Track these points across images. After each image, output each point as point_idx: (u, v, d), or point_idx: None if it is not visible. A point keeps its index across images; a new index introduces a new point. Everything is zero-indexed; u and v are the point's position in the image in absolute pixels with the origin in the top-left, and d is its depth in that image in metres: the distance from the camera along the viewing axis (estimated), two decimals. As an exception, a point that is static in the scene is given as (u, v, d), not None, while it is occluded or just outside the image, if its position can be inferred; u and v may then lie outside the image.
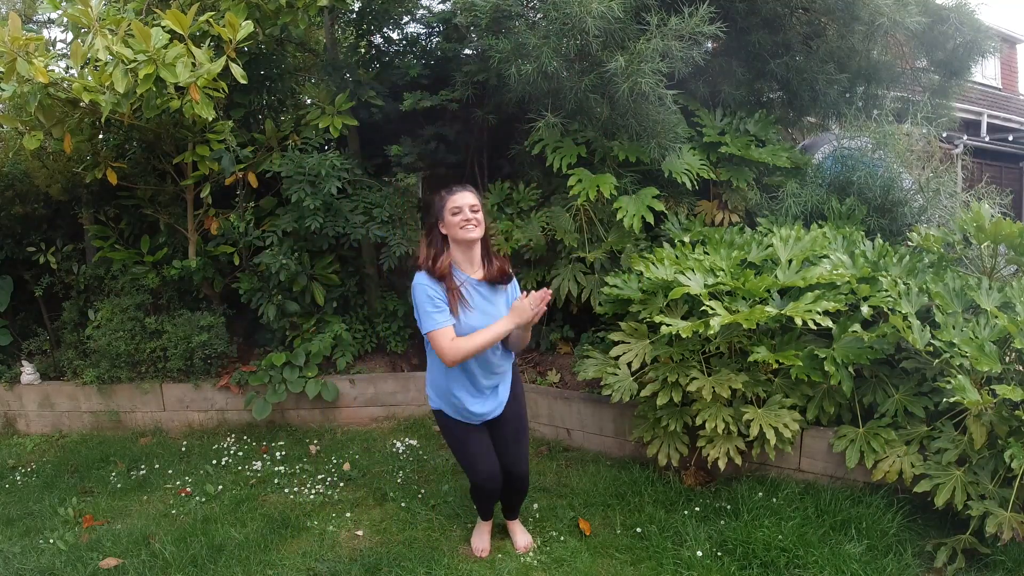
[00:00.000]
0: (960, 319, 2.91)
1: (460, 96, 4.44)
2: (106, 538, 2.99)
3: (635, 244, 3.90)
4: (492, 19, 3.85)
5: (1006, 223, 3.07)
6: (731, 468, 3.19)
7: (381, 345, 4.61)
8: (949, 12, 4.28)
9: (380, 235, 4.24)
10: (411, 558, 2.76)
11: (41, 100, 3.30)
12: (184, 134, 4.11)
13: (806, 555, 2.62)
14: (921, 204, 4.00)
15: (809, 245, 3.33)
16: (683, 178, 3.86)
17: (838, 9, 4.06)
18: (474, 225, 2.45)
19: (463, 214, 2.43)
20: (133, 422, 4.38)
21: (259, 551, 2.86)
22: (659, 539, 2.83)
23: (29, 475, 3.78)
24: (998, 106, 12.56)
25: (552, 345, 4.43)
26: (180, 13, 3.24)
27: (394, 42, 5.13)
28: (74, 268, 4.63)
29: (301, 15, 4.02)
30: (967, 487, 2.66)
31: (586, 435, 3.82)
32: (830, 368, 2.96)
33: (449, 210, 2.45)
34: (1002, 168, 11.29)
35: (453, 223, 2.44)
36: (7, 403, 4.50)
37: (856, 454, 2.96)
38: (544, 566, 2.73)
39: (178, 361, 4.25)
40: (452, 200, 2.46)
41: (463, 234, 2.44)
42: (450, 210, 2.45)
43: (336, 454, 3.86)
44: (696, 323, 2.94)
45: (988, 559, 2.57)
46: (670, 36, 3.44)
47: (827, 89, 4.24)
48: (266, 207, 4.48)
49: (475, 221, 2.45)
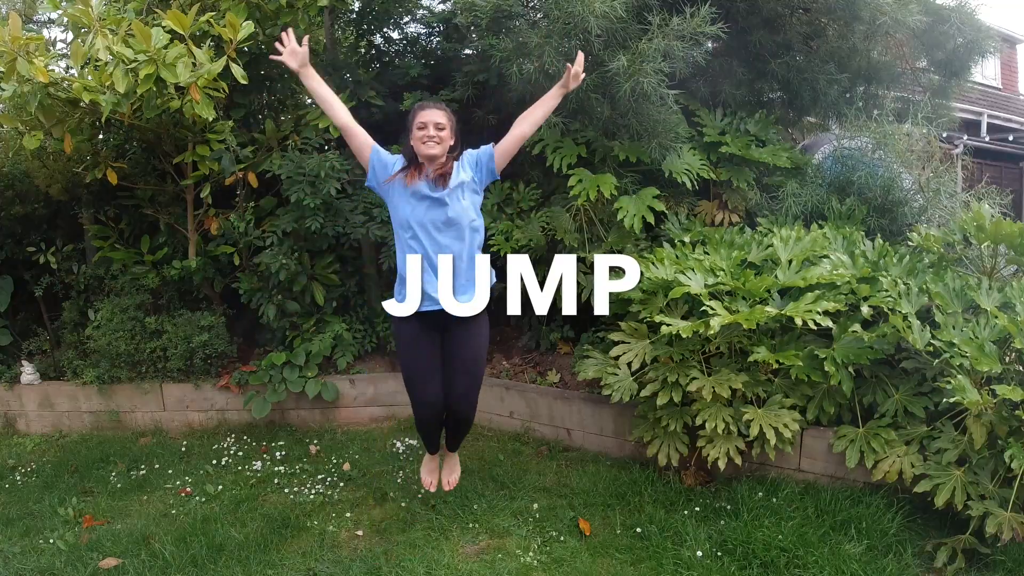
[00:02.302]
0: (960, 319, 2.91)
1: (460, 96, 4.43)
2: (106, 538, 2.99)
3: (635, 244, 3.90)
4: (492, 19, 3.85)
5: (1006, 223, 3.07)
6: (731, 468, 3.19)
7: (381, 345, 4.60)
8: (950, 12, 4.27)
9: (380, 235, 4.24)
10: (411, 558, 2.76)
11: (41, 100, 3.30)
12: (184, 134, 4.11)
13: (806, 555, 2.62)
14: (921, 204, 4.00)
15: (809, 245, 3.33)
16: (683, 178, 3.86)
17: (839, 9, 4.06)
18: (436, 142, 2.53)
19: (427, 130, 2.52)
20: (133, 422, 4.38)
21: (259, 551, 2.86)
22: (659, 539, 2.83)
23: (29, 475, 3.78)
24: (998, 106, 12.56)
25: (552, 345, 4.43)
26: (180, 13, 3.24)
27: (394, 42, 5.14)
28: (74, 268, 4.63)
29: (301, 15, 4.02)
30: (967, 487, 2.66)
31: (586, 435, 3.82)
32: (830, 368, 2.96)
33: (416, 124, 2.56)
34: (1002, 168, 11.29)
35: (416, 136, 2.55)
36: (7, 403, 4.50)
37: (856, 454, 2.96)
38: (544, 566, 2.73)
39: (178, 361, 4.25)
40: (419, 116, 2.57)
41: (423, 149, 2.54)
42: (416, 124, 2.56)
43: (336, 454, 3.86)
44: (696, 323, 2.94)
45: (988, 559, 2.57)
46: (672, 36, 3.44)
47: (827, 89, 4.23)
48: (266, 207, 4.48)
49: (437, 138, 2.53)
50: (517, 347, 4.66)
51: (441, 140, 2.56)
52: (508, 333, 4.91)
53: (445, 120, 2.59)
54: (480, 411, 4.20)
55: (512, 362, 4.47)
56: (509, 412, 4.09)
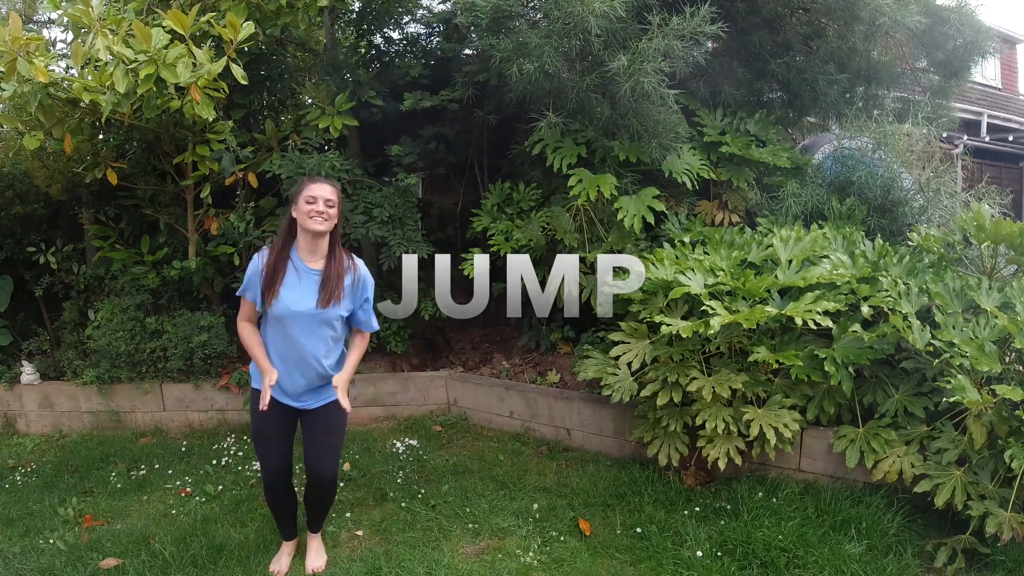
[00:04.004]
0: (960, 319, 2.91)
1: (460, 96, 4.43)
2: (106, 538, 2.99)
3: (635, 244, 3.90)
4: (492, 19, 3.85)
5: (1006, 223, 3.08)
6: (731, 468, 3.19)
7: (381, 345, 4.60)
8: (949, 13, 4.28)
9: (380, 235, 4.24)
10: (411, 558, 2.76)
11: (41, 100, 3.30)
12: (184, 134, 4.11)
13: (806, 555, 2.62)
14: (921, 204, 4.00)
15: (809, 245, 3.34)
16: (683, 178, 3.86)
17: (839, 9, 4.06)
18: (324, 219, 2.50)
19: (316, 205, 2.49)
20: (133, 422, 4.38)
21: (259, 551, 2.86)
22: (659, 539, 2.83)
23: (29, 475, 3.78)
24: (998, 106, 12.56)
25: (552, 345, 4.43)
26: (181, 13, 3.24)
27: (394, 42, 5.14)
28: (74, 268, 4.63)
29: (301, 15, 4.02)
30: (967, 487, 2.66)
31: (586, 435, 3.82)
32: (830, 368, 2.96)
33: (304, 197, 2.51)
34: (1002, 168, 11.28)
35: (303, 211, 2.50)
36: (7, 403, 4.50)
37: (856, 454, 2.96)
38: (544, 566, 2.73)
39: (178, 361, 4.25)
40: (309, 189, 2.52)
41: (310, 224, 2.49)
42: (305, 198, 2.50)
43: (336, 454, 3.85)
44: (696, 323, 2.94)
45: (988, 559, 2.57)
46: (672, 36, 3.44)
47: (827, 89, 4.24)
48: (266, 207, 4.48)
49: (326, 215, 2.50)
50: (517, 347, 4.66)
51: (329, 217, 2.52)
52: (508, 333, 4.91)
53: (335, 197, 2.54)
54: (480, 411, 4.23)
55: (512, 362, 4.47)
56: (509, 412, 4.09)
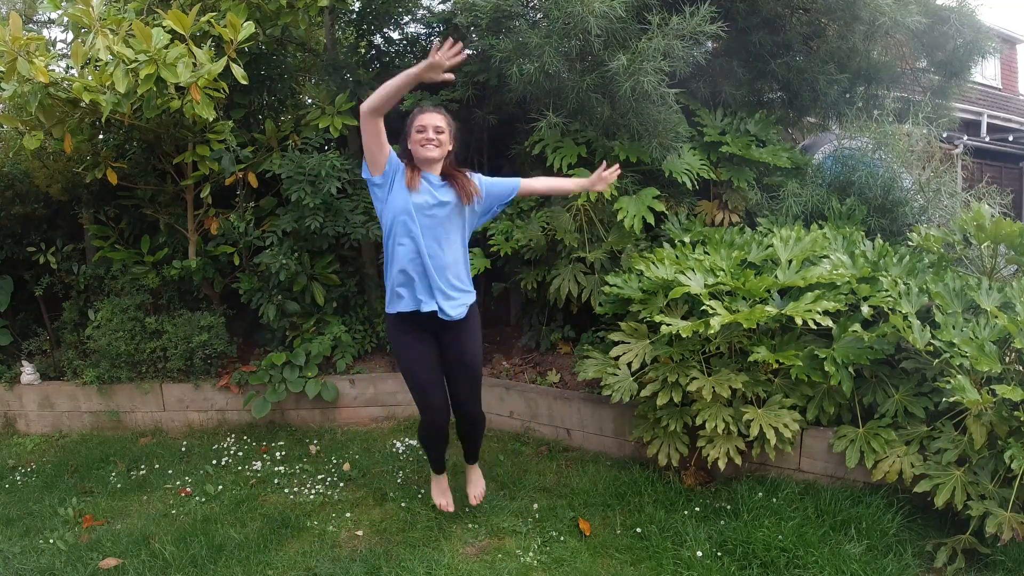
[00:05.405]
0: (960, 319, 2.91)
1: (460, 96, 4.43)
2: (106, 538, 2.99)
3: (635, 244, 3.91)
4: (492, 19, 3.85)
5: (1006, 223, 3.08)
6: (731, 468, 3.19)
7: (381, 345, 4.60)
8: (949, 12, 4.28)
9: (380, 235, 4.24)
10: (411, 558, 2.76)
11: (41, 100, 3.31)
12: (184, 134, 4.11)
13: (806, 555, 2.62)
14: (921, 204, 4.00)
15: (809, 245, 3.33)
16: (683, 178, 3.86)
17: (839, 9, 4.06)
18: (435, 145, 2.49)
19: (426, 133, 2.48)
20: (133, 422, 4.38)
21: (259, 551, 2.86)
22: (659, 539, 2.83)
23: (29, 475, 3.78)
24: (998, 106, 12.56)
25: (552, 345, 4.43)
26: (181, 13, 3.24)
27: (394, 42, 5.13)
28: (74, 268, 4.63)
29: (302, 15, 4.02)
30: (967, 487, 2.66)
31: (586, 435, 3.82)
32: (830, 368, 2.96)
33: (415, 127, 2.51)
34: (1002, 168, 11.29)
35: (415, 140, 2.50)
36: (7, 403, 4.50)
37: (856, 454, 2.96)
38: (544, 566, 2.73)
39: (178, 361, 4.25)
40: (419, 119, 2.52)
41: (422, 152, 2.49)
42: (416, 127, 2.51)
43: (336, 454, 3.86)
44: (696, 323, 2.94)
45: (988, 559, 2.57)
46: (672, 35, 3.44)
47: (827, 89, 4.23)
48: (266, 207, 4.48)
49: (436, 141, 2.49)
50: (517, 347, 4.66)
51: (440, 144, 2.53)
52: (508, 333, 4.91)
53: (444, 124, 2.57)
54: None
55: (512, 362, 4.47)
56: (509, 412, 4.09)
